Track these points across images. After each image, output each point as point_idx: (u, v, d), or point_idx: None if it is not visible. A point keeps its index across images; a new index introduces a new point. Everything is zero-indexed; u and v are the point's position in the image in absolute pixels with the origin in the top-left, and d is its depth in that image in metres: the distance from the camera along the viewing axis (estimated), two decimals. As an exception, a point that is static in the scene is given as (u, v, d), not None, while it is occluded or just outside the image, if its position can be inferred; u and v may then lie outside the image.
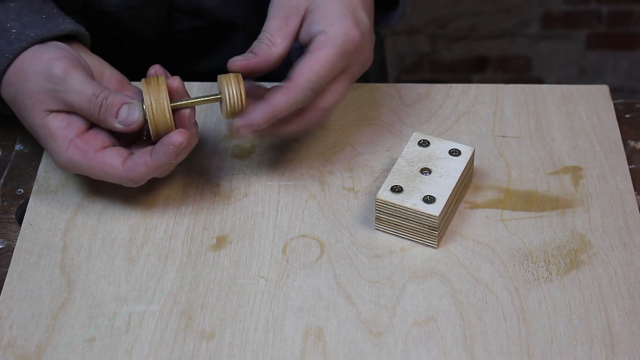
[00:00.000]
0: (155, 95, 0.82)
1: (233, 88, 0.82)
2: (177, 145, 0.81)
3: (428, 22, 2.25)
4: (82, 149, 0.82)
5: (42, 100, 0.82)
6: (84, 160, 0.83)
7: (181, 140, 0.81)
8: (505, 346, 0.78)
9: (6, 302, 0.81)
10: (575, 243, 0.85)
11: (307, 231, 0.86)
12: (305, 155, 0.92)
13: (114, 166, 0.82)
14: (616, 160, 0.91)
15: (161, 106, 0.82)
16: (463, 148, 0.87)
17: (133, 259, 0.84)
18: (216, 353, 0.78)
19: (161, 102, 0.82)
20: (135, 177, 0.82)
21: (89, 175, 0.84)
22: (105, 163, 0.82)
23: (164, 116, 0.82)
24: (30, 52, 0.83)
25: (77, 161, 0.83)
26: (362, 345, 0.78)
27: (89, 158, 0.82)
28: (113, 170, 0.82)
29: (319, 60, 0.82)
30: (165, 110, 0.82)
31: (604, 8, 2.23)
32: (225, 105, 0.83)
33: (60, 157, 0.83)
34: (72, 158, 0.83)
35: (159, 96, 0.82)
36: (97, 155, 0.82)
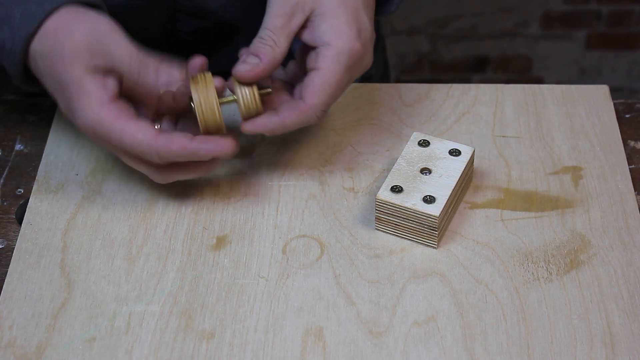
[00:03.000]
0: (204, 93, 0.81)
1: (247, 91, 0.83)
2: (224, 153, 0.82)
3: (428, 22, 2.25)
4: (116, 111, 0.81)
5: (82, 56, 0.81)
6: (115, 123, 0.81)
7: (229, 150, 0.82)
8: (505, 346, 0.78)
9: (6, 302, 0.81)
10: (575, 243, 0.85)
11: (307, 231, 0.86)
12: (305, 155, 0.92)
13: (146, 134, 0.81)
14: (616, 160, 0.91)
15: (210, 104, 0.81)
16: (463, 148, 0.87)
17: (133, 259, 0.84)
18: (216, 353, 0.78)
19: (210, 99, 0.82)
20: (164, 153, 0.81)
21: (109, 142, 0.82)
22: (139, 129, 0.80)
23: (213, 114, 0.82)
24: (72, 10, 0.82)
25: (107, 123, 0.81)
26: (362, 345, 0.78)
27: (122, 122, 0.81)
28: (145, 138, 0.80)
29: (329, 82, 0.83)
30: (214, 108, 0.82)
31: (604, 8, 2.23)
32: (240, 107, 0.83)
33: (89, 116, 0.81)
34: (103, 119, 0.81)
35: (208, 94, 0.82)
36: (130, 121, 0.81)
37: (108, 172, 0.91)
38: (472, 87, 0.98)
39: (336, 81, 0.83)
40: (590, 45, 2.28)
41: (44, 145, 0.94)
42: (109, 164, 0.92)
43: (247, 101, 0.83)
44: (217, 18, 1.01)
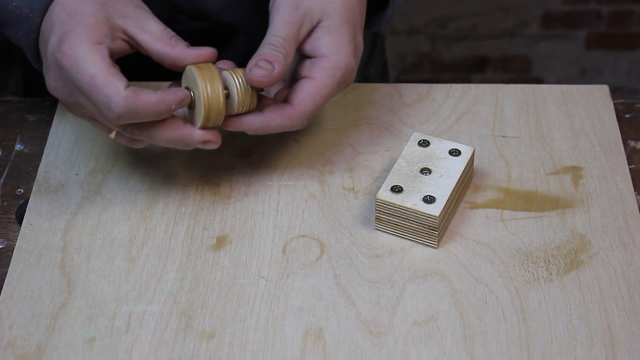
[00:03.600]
0: (210, 79, 0.81)
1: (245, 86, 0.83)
2: (182, 100, 0.81)
3: (428, 22, 2.25)
4: (102, 55, 0.80)
5: (109, 5, 0.81)
6: (94, 65, 0.79)
7: (187, 99, 0.82)
8: (505, 346, 0.78)
9: (6, 302, 0.81)
10: (575, 243, 0.85)
11: (307, 231, 0.86)
12: (305, 155, 0.92)
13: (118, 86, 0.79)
14: (616, 160, 0.91)
15: (216, 91, 0.81)
16: (463, 148, 0.87)
17: (133, 259, 0.84)
18: (216, 353, 0.78)
19: (216, 87, 0.81)
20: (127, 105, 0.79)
21: (74, 81, 0.80)
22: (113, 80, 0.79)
23: (217, 101, 0.81)
24: None
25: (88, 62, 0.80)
26: (362, 345, 0.78)
27: (101, 68, 0.80)
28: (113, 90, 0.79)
29: (321, 93, 0.83)
30: (219, 95, 0.81)
31: (604, 8, 2.23)
32: (234, 101, 0.83)
33: (74, 47, 0.80)
34: (86, 54, 0.80)
35: (214, 81, 0.81)
36: (110, 71, 0.80)
37: (108, 172, 0.91)
38: (472, 87, 0.98)
39: (327, 93, 0.84)
40: (590, 45, 2.28)
41: (44, 145, 0.94)
42: (109, 164, 0.92)
43: (243, 96, 0.82)
44: (216, 19, 1.01)
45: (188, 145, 0.83)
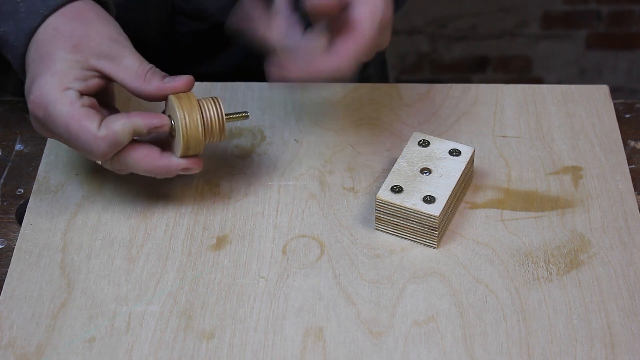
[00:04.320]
0: (189, 109, 0.82)
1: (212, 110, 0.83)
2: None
3: (428, 22, 2.25)
4: (76, 100, 0.81)
5: (84, 46, 0.81)
6: (69, 109, 0.80)
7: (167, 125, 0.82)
8: (505, 346, 0.78)
9: (6, 302, 0.81)
10: (575, 243, 0.85)
11: (307, 231, 0.86)
12: (305, 155, 0.92)
13: (94, 121, 0.80)
14: (616, 160, 0.91)
15: (194, 121, 0.82)
16: (463, 148, 0.87)
17: (133, 259, 0.84)
18: (216, 353, 0.78)
19: (194, 116, 0.82)
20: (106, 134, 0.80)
21: (54, 123, 0.81)
22: (88, 117, 0.80)
23: (196, 130, 0.82)
24: (77, 7, 0.83)
25: (61, 106, 0.80)
26: (362, 345, 0.78)
27: (75, 109, 0.80)
28: (90, 124, 0.80)
29: (366, 34, 0.81)
30: (198, 125, 0.82)
31: (604, 8, 2.23)
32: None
33: (51, 93, 0.80)
34: (61, 101, 0.80)
35: (192, 110, 0.82)
36: (83, 112, 0.81)
37: (108, 172, 0.91)
38: (472, 87, 0.98)
39: (370, 36, 0.81)
40: (590, 45, 2.28)
41: (44, 145, 0.94)
42: (109, 164, 0.92)
43: (209, 129, 0.83)
44: (216, 20, 1.01)
45: (168, 173, 0.84)
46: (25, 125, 0.97)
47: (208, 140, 0.83)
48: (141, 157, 0.82)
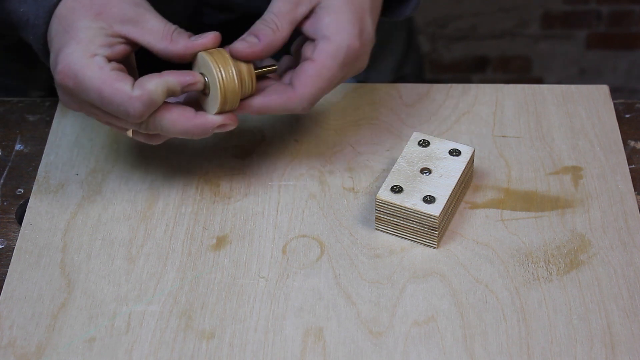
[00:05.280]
0: (223, 63, 0.81)
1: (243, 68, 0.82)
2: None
3: (428, 22, 2.25)
4: (104, 64, 0.80)
5: (108, 13, 0.81)
6: (100, 73, 0.80)
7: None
8: (505, 346, 0.78)
9: (6, 302, 0.81)
10: (575, 243, 0.85)
11: (307, 231, 0.86)
12: (305, 155, 0.92)
13: (127, 83, 0.79)
14: (616, 160, 0.91)
15: (230, 74, 0.80)
16: (463, 148, 0.87)
17: (133, 259, 0.84)
18: (216, 353, 0.78)
19: (229, 70, 0.80)
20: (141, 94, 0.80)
21: (86, 92, 0.80)
22: (120, 79, 0.80)
23: (232, 83, 0.81)
24: None
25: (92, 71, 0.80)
26: (362, 345, 0.78)
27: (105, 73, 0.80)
28: (124, 86, 0.79)
29: (322, 75, 0.82)
30: (234, 78, 0.81)
31: (604, 8, 2.23)
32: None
33: (77, 60, 0.80)
34: (90, 66, 0.80)
35: (227, 64, 0.81)
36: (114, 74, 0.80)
37: (108, 172, 0.91)
38: (472, 87, 0.98)
39: (329, 76, 0.82)
40: (590, 45, 2.28)
41: (44, 145, 0.94)
42: (109, 164, 0.92)
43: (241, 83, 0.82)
44: (243, 10, 1.00)
45: (204, 132, 0.82)
46: (25, 125, 0.97)
47: (242, 94, 0.82)
48: (176, 117, 0.81)
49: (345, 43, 0.82)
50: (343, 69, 0.83)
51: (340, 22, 0.83)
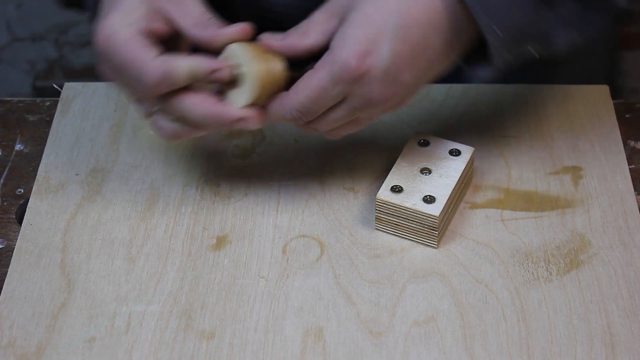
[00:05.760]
0: (256, 55, 0.79)
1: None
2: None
3: None
4: (137, 35, 0.80)
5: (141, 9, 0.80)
6: (129, 41, 0.79)
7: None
8: (505, 346, 0.78)
9: (6, 302, 0.81)
10: (575, 243, 0.85)
11: (307, 231, 0.86)
12: (305, 155, 0.92)
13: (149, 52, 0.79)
14: (616, 160, 0.91)
15: (262, 68, 0.79)
16: (463, 148, 0.87)
17: (133, 259, 0.84)
18: (216, 353, 0.78)
19: (262, 64, 0.79)
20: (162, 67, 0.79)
21: (115, 56, 0.80)
22: (144, 47, 0.79)
23: (267, 74, 0.79)
24: None
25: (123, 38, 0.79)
26: (362, 345, 0.78)
27: (136, 42, 0.79)
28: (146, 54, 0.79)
29: (312, 84, 0.79)
30: (266, 72, 0.79)
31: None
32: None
33: (115, 27, 0.80)
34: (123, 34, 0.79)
35: (260, 57, 0.79)
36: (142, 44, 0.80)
37: (108, 172, 0.91)
38: (472, 87, 0.98)
39: (318, 87, 0.78)
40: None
41: (44, 145, 0.94)
42: (109, 164, 0.92)
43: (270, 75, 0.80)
44: None
45: (223, 123, 0.80)
46: (25, 125, 0.97)
47: (270, 91, 0.80)
48: (199, 100, 0.79)
49: (340, 58, 0.77)
50: (336, 84, 0.78)
51: (345, 36, 0.78)
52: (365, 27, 0.77)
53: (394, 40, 0.77)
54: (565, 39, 0.83)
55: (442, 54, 0.80)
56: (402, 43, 0.77)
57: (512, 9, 0.79)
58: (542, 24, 0.81)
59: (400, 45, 0.77)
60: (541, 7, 0.80)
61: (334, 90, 0.78)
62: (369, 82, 0.78)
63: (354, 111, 0.80)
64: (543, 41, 0.82)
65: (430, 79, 0.81)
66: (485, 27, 0.78)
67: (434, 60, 0.80)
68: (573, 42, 0.84)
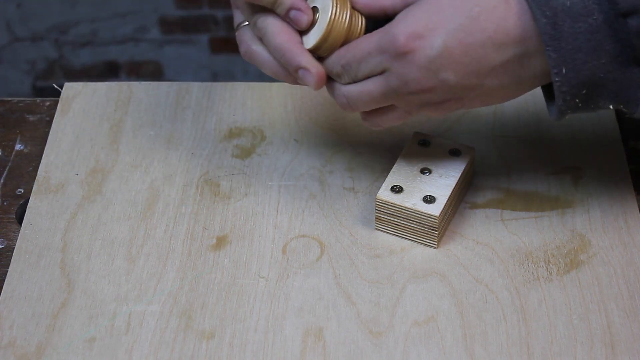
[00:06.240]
0: (342, 3, 0.79)
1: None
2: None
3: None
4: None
5: None
6: None
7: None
8: (505, 346, 0.78)
9: (6, 302, 0.81)
10: (575, 243, 0.85)
11: (307, 231, 0.86)
12: (305, 155, 0.92)
13: None
14: (616, 160, 0.91)
15: (344, 16, 0.78)
16: (463, 148, 0.87)
17: (133, 259, 0.84)
18: (216, 353, 0.78)
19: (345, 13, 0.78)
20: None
21: None
22: None
23: (342, 25, 0.79)
24: None
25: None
26: (362, 345, 0.78)
27: None
28: None
29: (361, 45, 0.78)
30: (345, 21, 0.79)
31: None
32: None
33: None
34: None
35: (344, 5, 0.79)
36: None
37: (108, 172, 0.91)
38: (472, 87, 0.98)
39: (364, 49, 0.77)
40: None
41: (44, 145, 0.94)
42: (109, 164, 0.92)
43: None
44: None
45: (288, 61, 0.79)
46: (25, 125, 0.97)
47: (339, 42, 0.79)
48: (278, 30, 0.79)
49: (393, 30, 0.76)
50: (379, 53, 0.76)
51: (409, 12, 0.76)
52: (430, 12, 0.76)
53: (450, 36, 0.75)
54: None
55: (498, 74, 0.76)
56: (457, 42, 0.75)
57: (592, 55, 0.74)
58: (625, 82, 0.75)
59: (455, 43, 0.75)
60: (629, 64, 0.74)
61: (376, 57, 0.77)
62: (410, 63, 0.76)
63: (389, 90, 0.78)
64: (622, 100, 0.76)
65: (476, 97, 0.78)
66: (554, 66, 0.74)
67: (486, 75, 0.76)
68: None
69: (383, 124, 0.82)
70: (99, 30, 2.16)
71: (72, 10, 2.13)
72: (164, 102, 0.97)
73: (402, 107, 0.80)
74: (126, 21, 2.16)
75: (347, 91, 0.80)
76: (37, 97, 1.00)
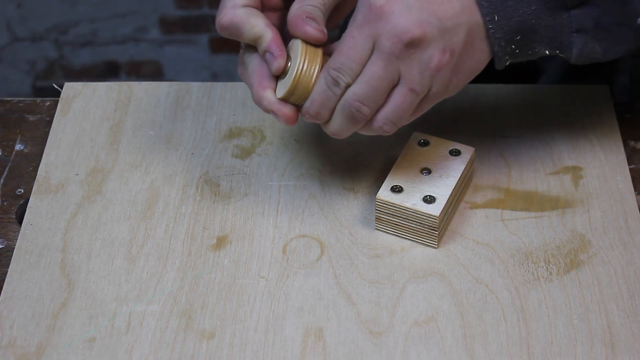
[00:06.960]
0: (311, 58, 0.79)
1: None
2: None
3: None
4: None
5: None
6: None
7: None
8: (505, 346, 0.78)
9: (6, 302, 0.81)
10: (575, 243, 0.85)
11: (307, 231, 0.86)
12: (305, 155, 0.92)
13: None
14: (616, 160, 0.91)
15: (311, 71, 0.79)
16: (463, 148, 0.87)
17: (133, 259, 0.84)
18: (216, 353, 0.78)
19: (313, 66, 0.79)
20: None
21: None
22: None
23: (309, 79, 0.79)
24: None
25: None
26: (362, 345, 0.78)
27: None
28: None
29: (342, 40, 0.78)
30: (313, 76, 0.79)
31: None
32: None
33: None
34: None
35: (314, 60, 0.79)
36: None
37: (108, 172, 0.91)
38: (472, 87, 0.98)
39: (347, 38, 0.77)
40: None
41: (44, 145, 0.94)
42: (109, 164, 0.92)
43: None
44: None
45: (258, 102, 0.81)
46: (25, 125, 0.97)
47: (308, 96, 0.80)
48: (255, 69, 0.81)
49: (361, 3, 0.77)
50: (361, 28, 0.77)
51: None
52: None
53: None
54: (582, 49, 0.81)
55: (459, 16, 0.77)
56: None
57: (521, 2, 0.77)
58: (557, 28, 0.79)
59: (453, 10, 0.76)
60: (558, 9, 0.78)
61: (361, 34, 0.77)
62: (392, 15, 0.76)
63: (388, 56, 0.77)
64: (556, 46, 0.80)
65: (458, 46, 0.78)
66: (486, 14, 0.77)
67: (450, 18, 0.77)
68: (591, 55, 0.81)
69: (393, 115, 0.80)
70: (99, 30, 2.16)
71: (72, 10, 2.13)
72: (164, 102, 0.97)
73: (406, 79, 0.78)
74: (126, 21, 2.16)
75: (353, 94, 0.79)
76: (37, 97, 1.00)
